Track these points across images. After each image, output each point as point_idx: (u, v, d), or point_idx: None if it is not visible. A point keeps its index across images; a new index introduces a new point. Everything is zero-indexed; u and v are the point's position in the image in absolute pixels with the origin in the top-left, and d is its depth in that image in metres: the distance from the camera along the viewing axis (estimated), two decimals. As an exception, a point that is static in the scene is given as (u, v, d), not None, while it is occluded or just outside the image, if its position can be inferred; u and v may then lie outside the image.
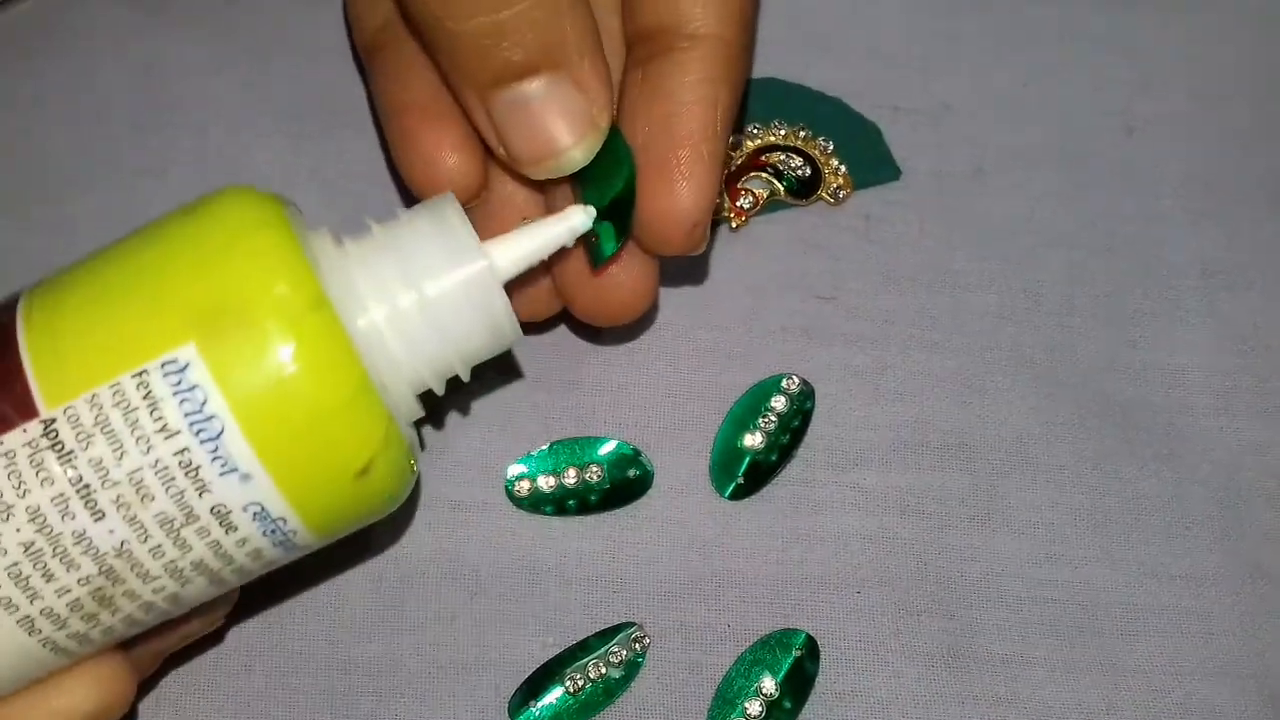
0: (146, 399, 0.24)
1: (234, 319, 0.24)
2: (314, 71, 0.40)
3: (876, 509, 0.37)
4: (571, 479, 0.36)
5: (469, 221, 0.27)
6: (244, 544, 0.26)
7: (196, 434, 0.24)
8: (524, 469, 0.36)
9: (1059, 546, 0.37)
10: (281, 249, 0.25)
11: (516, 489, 0.36)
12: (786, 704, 0.35)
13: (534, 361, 0.37)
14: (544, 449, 0.36)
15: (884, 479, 0.37)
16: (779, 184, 0.39)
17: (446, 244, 0.27)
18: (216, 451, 0.24)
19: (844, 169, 0.39)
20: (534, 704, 0.35)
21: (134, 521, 0.24)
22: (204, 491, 0.25)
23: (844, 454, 0.37)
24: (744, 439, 0.37)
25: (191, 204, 0.27)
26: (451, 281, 0.27)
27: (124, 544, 0.25)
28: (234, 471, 0.25)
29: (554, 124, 0.30)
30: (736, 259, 0.39)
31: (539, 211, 0.34)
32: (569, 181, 0.32)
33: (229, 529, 0.25)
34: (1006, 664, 0.36)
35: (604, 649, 0.35)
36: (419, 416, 0.28)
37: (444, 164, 0.32)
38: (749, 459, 0.37)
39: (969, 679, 0.36)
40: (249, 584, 0.34)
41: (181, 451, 0.24)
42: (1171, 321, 0.39)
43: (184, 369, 0.24)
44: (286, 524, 0.26)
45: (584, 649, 0.35)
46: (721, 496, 0.37)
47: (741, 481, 0.37)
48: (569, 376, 0.37)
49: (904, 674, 0.36)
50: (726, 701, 0.35)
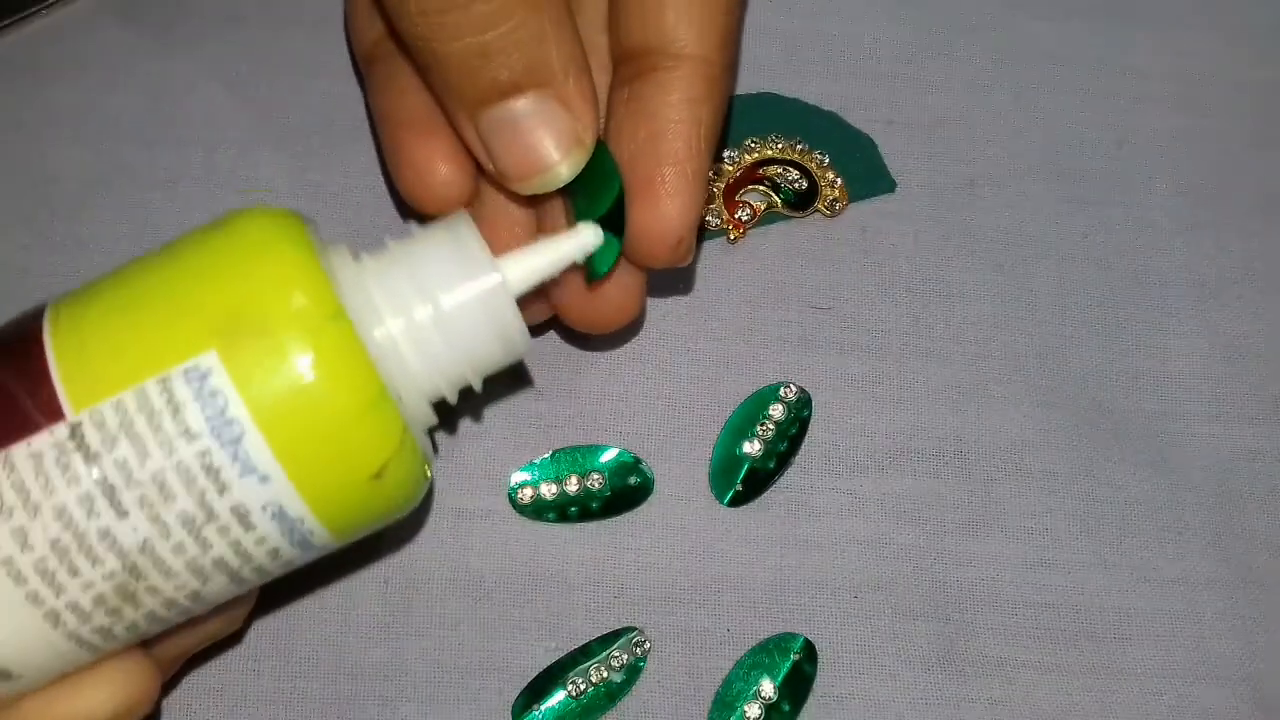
0: (169, 403, 0.25)
1: (254, 329, 0.25)
2: (318, 89, 0.40)
3: (873, 515, 0.37)
4: (573, 486, 0.37)
5: (482, 239, 0.28)
6: (263, 543, 0.26)
7: (217, 437, 0.25)
8: (527, 477, 0.37)
9: (1053, 551, 0.37)
10: (300, 262, 0.26)
11: (520, 496, 0.36)
12: (785, 707, 0.35)
13: (537, 372, 0.38)
14: (546, 457, 0.37)
15: (880, 485, 0.38)
16: (776, 197, 0.40)
17: (461, 260, 0.28)
18: (236, 454, 0.25)
19: (840, 182, 0.40)
20: (537, 708, 0.35)
21: (157, 520, 0.25)
22: (224, 491, 0.25)
23: (841, 461, 0.38)
24: (742, 447, 0.37)
25: (215, 221, 0.28)
26: (465, 296, 0.28)
27: (147, 541, 0.25)
28: (253, 473, 0.25)
29: (540, 141, 0.30)
30: (735, 270, 0.39)
31: (530, 222, 0.34)
32: (560, 195, 0.32)
33: (248, 528, 0.26)
34: (1001, 667, 0.36)
35: (605, 653, 0.35)
36: (433, 424, 0.29)
37: (435, 175, 0.32)
38: (747, 466, 0.37)
39: (964, 682, 0.36)
40: (260, 587, 0.35)
41: (203, 454, 0.25)
42: (1163, 330, 0.40)
43: (206, 376, 0.25)
44: (304, 524, 0.26)
45: (586, 653, 0.35)
46: (720, 503, 0.37)
47: (740, 488, 0.37)
48: (571, 386, 0.38)
49: (900, 677, 0.36)
50: (726, 705, 0.35)
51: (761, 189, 0.40)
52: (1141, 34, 0.43)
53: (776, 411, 0.37)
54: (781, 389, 0.38)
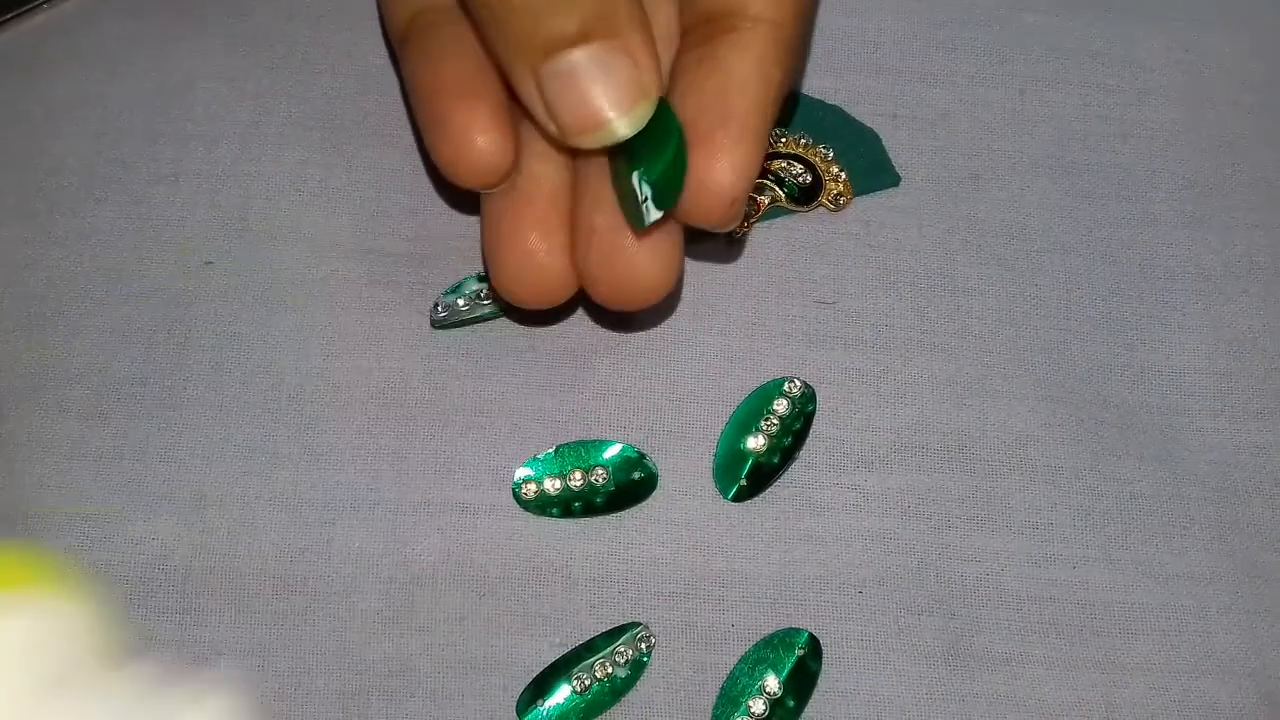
0: None
1: None
2: (321, 84, 0.40)
3: (878, 510, 0.37)
4: (577, 482, 0.36)
5: None
6: None
7: None
8: (530, 472, 0.37)
9: (1058, 546, 0.37)
10: None
11: (523, 492, 0.36)
12: (790, 702, 0.35)
13: (540, 367, 0.38)
14: (550, 452, 0.37)
15: (885, 480, 0.37)
16: (780, 191, 0.40)
17: None
18: None
19: (844, 176, 0.40)
20: (541, 703, 0.35)
21: None
22: None
23: (845, 456, 0.38)
24: (747, 441, 0.37)
25: None
26: None
27: None
28: None
29: (605, 92, 0.30)
30: (739, 265, 0.39)
31: (566, 196, 0.34)
32: (608, 158, 0.32)
33: None
34: (1007, 663, 0.36)
35: (610, 649, 0.35)
36: None
37: (474, 144, 0.32)
38: (752, 461, 0.37)
39: (970, 677, 0.36)
40: (259, 586, 0.35)
41: None
42: (1168, 325, 0.40)
43: None
44: None
45: (590, 649, 0.35)
46: (725, 498, 0.37)
47: (744, 483, 0.37)
48: (574, 381, 0.38)
49: (905, 672, 0.36)
50: (731, 700, 0.35)
51: (765, 183, 0.40)
52: (1146, 27, 0.43)
53: (781, 406, 0.37)
54: (786, 384, 0.38)
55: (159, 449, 0.36)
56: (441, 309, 0.38)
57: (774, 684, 0.35)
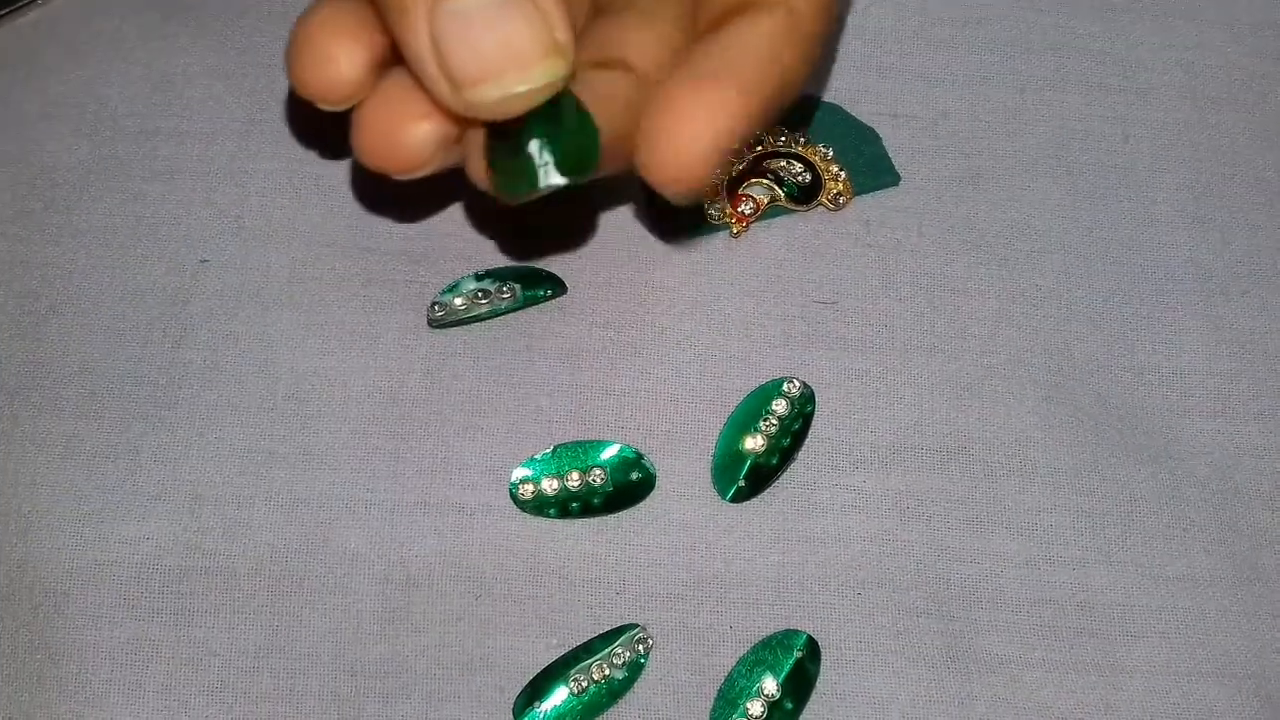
0: None
1: None
2: (319, 80, 0.40)
3: (876, 511, 0.37)
4: (575, 482, 0.36)
5: None
6: None
7: None
8: (528, 472, 0.36)
9: (1057, 548, 0.37)
10: None
11: (521, 492, 0.36)
12: (788, 705, 0.35)
13: (537, 366, 0.38)
14: (548, 453, 0.37)
15: (884, 481, 0.37)
16: (780, 190, 0.39)
17: None
18: None
19: (844, 175, 0.40)
20: (538, 705, 0.35)
21: None
22: None
23: (844, 457, 0.38)
24: (745, 442, 0.37)
25: None
26: None
27: None
28: None
29: (512, 38, 0.26)
30: (738, 264, 0.39)
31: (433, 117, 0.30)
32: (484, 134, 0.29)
33: None
34: (1005, 664, 0.36)
35: (607, 650, 0.35)
36: None
37: (335, 63, 0.30)
38: (750, 462, 0.37)
39: (968, 679, 0.36)
40: (254, 586, 0.35)
41: None
42: (1168, 325, 0.40)
43: None
44: None
45: (588, 650, 0.35)
46: (723, 499, 0.37)
47: (743, 484, 0.37)
48: (572, 381, 0.38)
49: (904, 674, 0.36)
50: (729, 702, 0.35)
51: (765, 182, 0.39)
52: (1146, 26, 0.42)
53: (780, 407, 0.37)
54: (785, 384, 0.38)
55: (153, 448, 0.36)
56: (438, 308, 0.38)
57: (772, 686, 0.35)
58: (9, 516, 0.35)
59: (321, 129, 0.40)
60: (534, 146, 0.28)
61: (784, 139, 0.40)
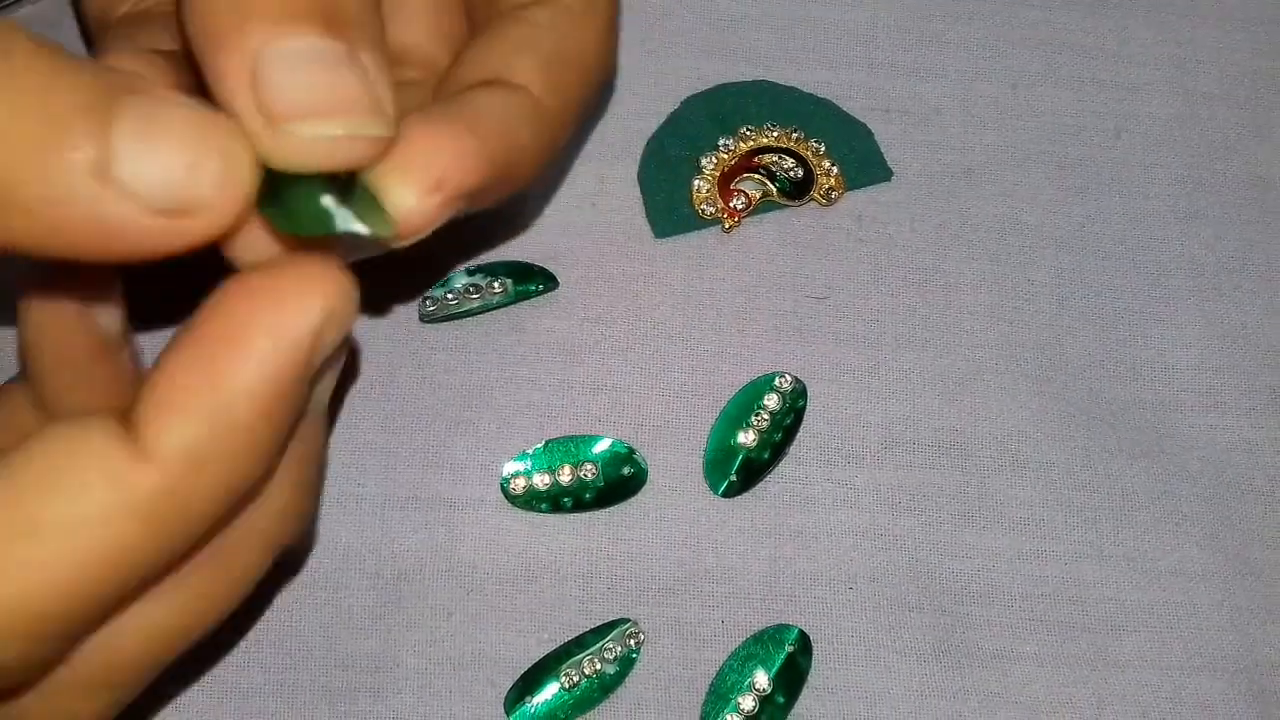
0: None
1: None
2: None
3: (868, 506, 0.37)
4: (566, 477, 0.36)
5: None
6: None
7: None
8: (520, 467, 0.36)
9: (1049, 542, 0.37)
10: None
11: (512, 487, 0.36)
12: (779, 699, 0.35)
13: (528, 361, 0.38)
14: (539, 447, 0.37)
15: (876, 476, 0.37)
16: (772, 185, 0.39)
17: None
18: None
19: (836, 170, 0.40)
20: (530, 700, 0.35)
21: None
22: None
23: (836, 451, 0.38)
24: (737, 437, 0.37)
25: None
26: None
27: None
28: None
29: (338, 81, 0.25)
30: (729, 260, 0.39)
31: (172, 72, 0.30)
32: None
33: None
34: (997, 659, 0.36)
35: (599, 645, 0.35)
36: None
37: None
38: (742, 457, 0.37)
39: (960, 674, 0.36)
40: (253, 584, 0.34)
41: None
42: (1160, 320, 0.40)
43: None
44: None
45: (579, 645, 0.35)
46: (715, 494, 0.37)
47: (735, 479, 0.37)
48: (564, 376, 0.38)
49: (896, 669, 0.36)
50: (720, 696, 0.35)
51: (757, 177, 0.39)
52: (1138, 21, 0.42)
53: (771, 402, 0.37)
54: (777, 379, 0.38)
55: (145, 443, 0.36)
56: (430, 302, 0.38)
57: (764, 680, 0.35)
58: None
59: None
60: (327, 200, 0.26)
61: (776, 134, 0.40)
